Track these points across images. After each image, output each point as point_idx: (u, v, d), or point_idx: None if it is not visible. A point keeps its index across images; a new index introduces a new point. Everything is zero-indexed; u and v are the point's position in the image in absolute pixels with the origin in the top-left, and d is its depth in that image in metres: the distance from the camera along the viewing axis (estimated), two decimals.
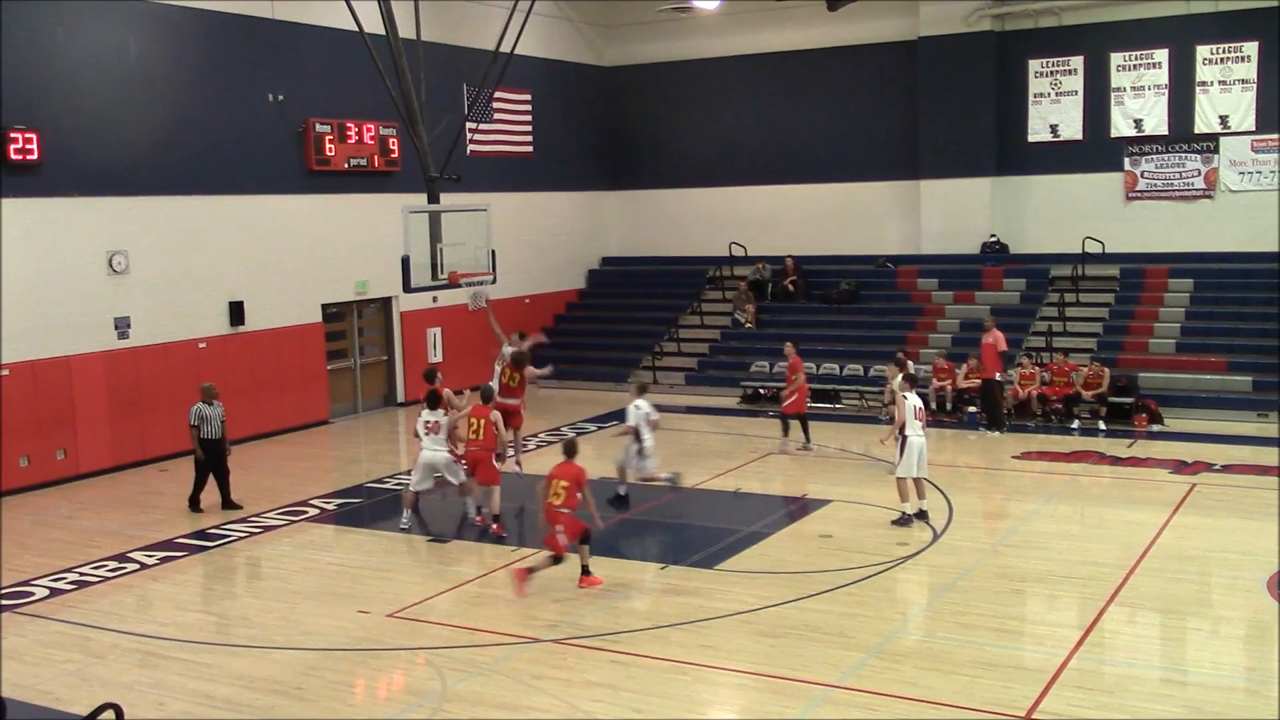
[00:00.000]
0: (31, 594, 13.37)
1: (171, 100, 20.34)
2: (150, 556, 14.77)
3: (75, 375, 18.90)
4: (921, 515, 15.07)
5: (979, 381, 21.46)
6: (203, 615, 12.80)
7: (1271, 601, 12.09)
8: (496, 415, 15.48)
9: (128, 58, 19.63)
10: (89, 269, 19.16)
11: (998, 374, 21.02)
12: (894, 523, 15.01)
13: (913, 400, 15.19)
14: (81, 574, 14.07)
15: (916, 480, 15.12)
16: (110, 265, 19.42)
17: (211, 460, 16.73)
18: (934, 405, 22.00)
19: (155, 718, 9.99)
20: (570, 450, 13.27)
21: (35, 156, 18.06)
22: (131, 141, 19.74)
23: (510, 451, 17.55)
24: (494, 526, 15.16)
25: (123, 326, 19.65)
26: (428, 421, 15.61)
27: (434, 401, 15.71)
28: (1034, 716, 9.48)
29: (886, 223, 28.67)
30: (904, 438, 15.00)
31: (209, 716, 10.00)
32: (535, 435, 21.32)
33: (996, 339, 21.00)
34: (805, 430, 19.76)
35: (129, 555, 14.81)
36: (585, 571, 13.01)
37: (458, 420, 16.01)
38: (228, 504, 16.82)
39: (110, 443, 19.43)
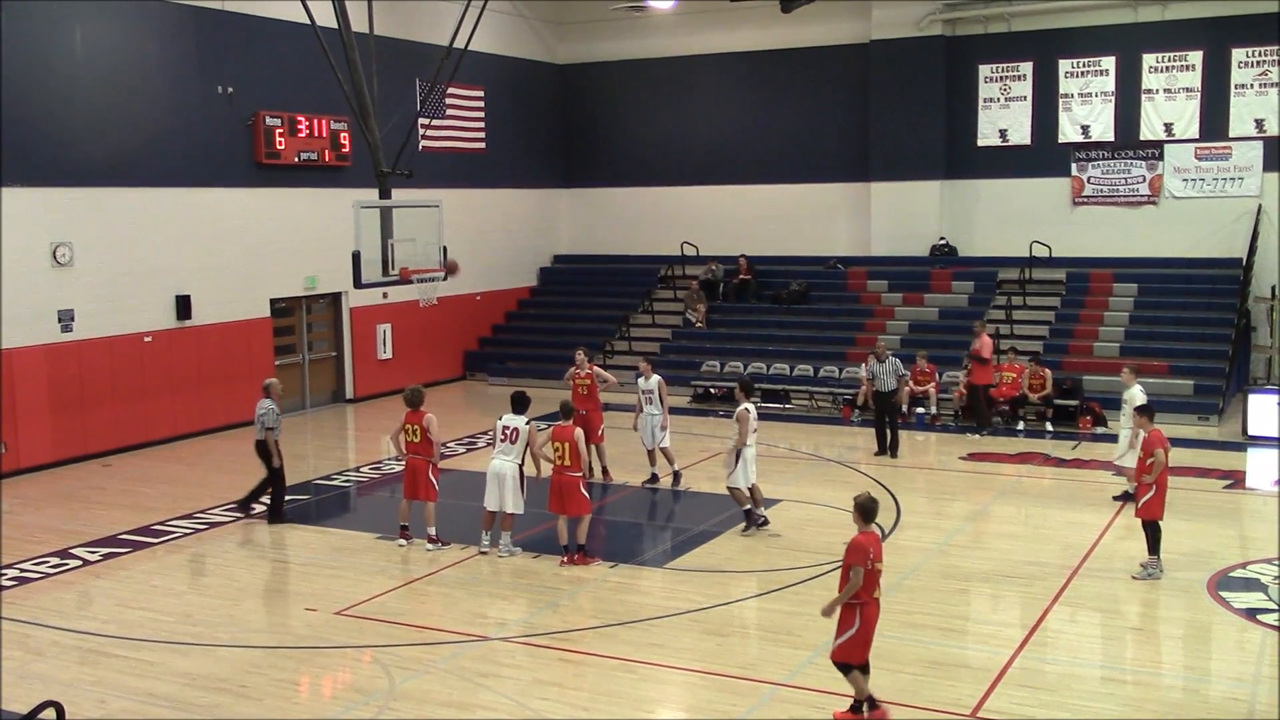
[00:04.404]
0: None
1: (118, 90, 20.05)
2: (93, 553, 14.57)
3: (16, 368, 18.58)
4: (750, 515, 14.91)
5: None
6: (146, 612, 12.62)
7: (1211, 602, 12.31)
8: (579, 433, 13.78)
9: (74, 47, 19.32)
10: (32, 260, 18.83)
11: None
12: (753, 518, 14.85)
13: (754, 413, 14.98)
14: (22, 570, 13.86)
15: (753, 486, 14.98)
16: (54, 257, 19.13)
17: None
18: (904, 408, 21.26)
19: (97, 716, 9.87)
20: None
21: None
22: (78, 132, 19.44)
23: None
24: (576, 556, 13.68)
25: (66, 319, 19.34)
26: (506, 427, 14.04)
27: (520, 404, 14.14)
28: (979, 715, 9.59)
29: (837, 224, 28.86)
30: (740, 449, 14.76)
31: (151, 715, 9.89)
32: (486, 433, 21.22)
33: (983, 344, 20.92)
34: None
35: (71, 551, 14.61)
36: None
37: (540, 438, 14.24)
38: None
39: (52, 437, 19.14)
